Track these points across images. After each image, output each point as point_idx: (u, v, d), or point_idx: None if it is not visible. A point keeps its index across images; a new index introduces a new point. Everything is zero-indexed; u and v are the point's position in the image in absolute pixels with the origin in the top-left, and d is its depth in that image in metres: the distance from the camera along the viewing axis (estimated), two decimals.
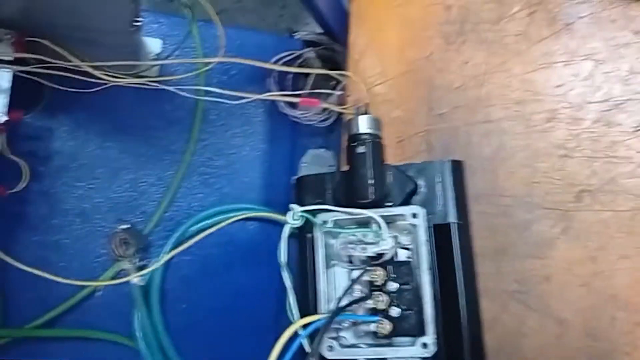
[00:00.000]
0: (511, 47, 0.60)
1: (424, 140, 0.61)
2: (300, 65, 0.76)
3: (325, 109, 0.73)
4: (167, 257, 0.65)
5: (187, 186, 0.74)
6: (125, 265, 0.67)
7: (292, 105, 0.74)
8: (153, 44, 0.72)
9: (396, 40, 0.64)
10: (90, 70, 0.57)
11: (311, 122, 0.75)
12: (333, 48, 0.77)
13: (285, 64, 0.75)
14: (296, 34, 0.79)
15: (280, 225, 0.71)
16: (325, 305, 0.46)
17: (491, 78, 0.60)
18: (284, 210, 0.56)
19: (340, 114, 0.74)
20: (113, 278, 0.68)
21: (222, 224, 0.60)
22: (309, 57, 0.77)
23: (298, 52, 0.77)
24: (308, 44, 0.78)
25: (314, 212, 0.47)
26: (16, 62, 0.58)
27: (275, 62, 0.73)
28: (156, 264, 0.67)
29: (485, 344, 0.50)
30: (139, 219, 0.71)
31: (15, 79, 0.58)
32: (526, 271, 0.55)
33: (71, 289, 0.66)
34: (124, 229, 0.66)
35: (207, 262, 0.72)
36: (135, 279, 0.66)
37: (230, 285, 0.72)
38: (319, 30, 0.79)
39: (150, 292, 0.68)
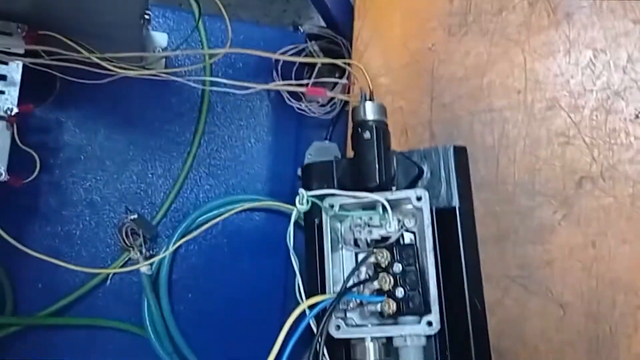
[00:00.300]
0: (512, 37, 0.61)
1: (427, 129, 0.62)
2: (305, 57, 0.77)
3: (329, 101, 0.75)
4: (175, 246, 0.67)
5: (193, 177, 0.75)
6: (134, 254, 0.68)
7: (297, 97, 0.75)
8: (160, 38, 0.73)
9: (399, 32, 0.65)
10: (99, 62, 0.58)
11: (316, 114, 0.76)
12: (336, 41, 0.78)
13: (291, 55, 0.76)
14: (300, 27, 0.80)
15: (286, 215, 0.72)
16: (333, 287, 0.47)
17: (493, 68, 0.61)
18: (290, 201, 0.57)
19: (344, 105, 0.76)
20: (122, 267, 0.69)
21: (229, 213, 0.61)
22: (313, 50, 0.78)
23: (302, 46, 0.78)
24: (312, 37, 0.79)
25: (321, 197, 0.48)
26: (27, 55, 0.60)
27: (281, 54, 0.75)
28: (164, 253, 0.68)
29: (488, 327, 0.51)
30: (146, 210, 0.72)
31: (26, 71, 0.59)
32: (528, 256, 0.56)
33: (81, 278, 0.68)
34: (132, 219, 0.67)
35: (214, 252, 0.74)
36: (143, 267, 0.67)
37: (237, 274, 0.74)
38: (323, 23, 0.80)
39: (158, 281, 0.70)
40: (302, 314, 0.44)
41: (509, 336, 0.55)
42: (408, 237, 0.48)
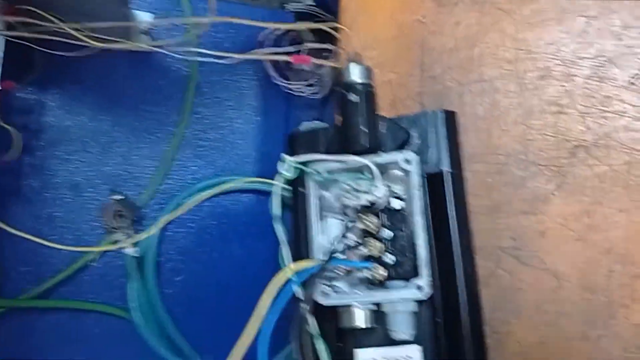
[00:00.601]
0: (503, 6, 0.60)
1: (417, 102, 0.61)
2: (292, 38, 0.76)
3: (318, 80, 0.73)
4: (160, 224, 0.65)
5: (181, 159, 0.73)
6: (119, 237, 0.67)
7: (285, 76, 0.74)
8: (144, 18, 0.72)
9: (388, 4, 0.64)
10: (75, 33, 0.57)
11: (304, 94, 0.75)
12: (325, 20, 0.77)
13: (277, 37, 0.75)
14: (287, 6, 0.79)
15: None
16: (319, 256, 0.46)
17: (483, 38, 0.60)
18: None
19: (334, 86, 0.74)
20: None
21: (213, 191, 0.60)
22: (300, 29, 0.77)
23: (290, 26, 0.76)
24: (299, 16, 0.78)
25: (306, 164, 0.46)
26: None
27: (267, 35, 0.73)
28: (151, 230, 0.66)
29: (481, 299, 0.49)
30: (133, 192, 0.71)
31: (7, 47, 0.58)
32: (521, 227, 0.55)
33: (66, 260, 0.66)
34: (117, 200, 0.66)
35: (203, 234, 0.72)
36: (129, 249, 0.65)
37: (227, 257, 0.72)
38: (310, 1, 0.79)
39: (145, 264, 0.68)
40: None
41: (502, 308, 0.54)
42: (397, 204, 0.46)
